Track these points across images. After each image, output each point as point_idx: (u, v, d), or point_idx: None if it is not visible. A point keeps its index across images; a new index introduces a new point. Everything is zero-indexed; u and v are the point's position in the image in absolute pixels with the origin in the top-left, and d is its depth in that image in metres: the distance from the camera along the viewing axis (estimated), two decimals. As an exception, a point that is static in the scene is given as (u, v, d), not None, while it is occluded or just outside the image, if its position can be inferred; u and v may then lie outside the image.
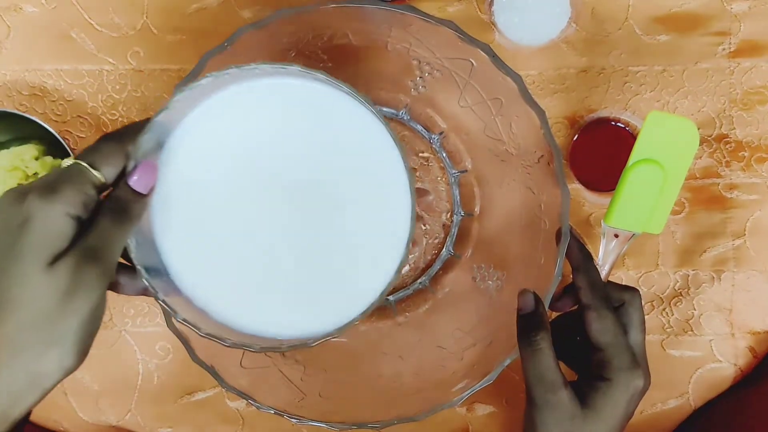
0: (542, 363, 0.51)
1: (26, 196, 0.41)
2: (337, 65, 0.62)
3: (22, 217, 0.41)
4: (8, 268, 0.40)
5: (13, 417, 0.41)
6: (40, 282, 0.40)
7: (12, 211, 0.41)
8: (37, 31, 0.71)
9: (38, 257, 0.40)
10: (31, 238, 0.40)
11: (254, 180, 0.47)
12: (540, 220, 0.59)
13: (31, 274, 0.40)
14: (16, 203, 0.41)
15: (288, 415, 0.57)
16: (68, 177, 0.42)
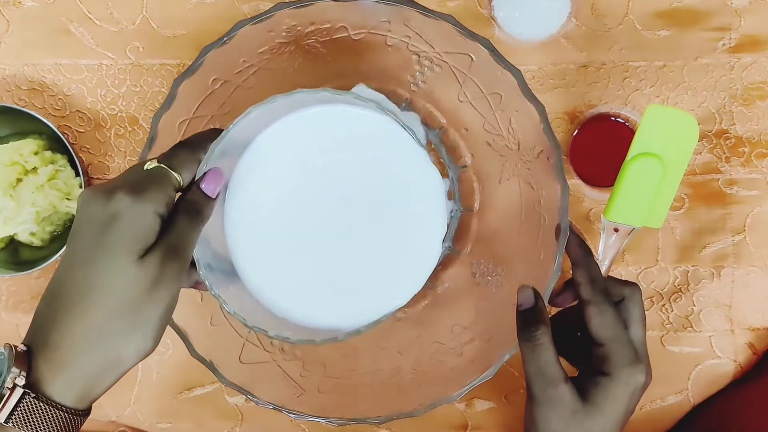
0: (542, 358, 0.51)
1: (114, 194, 0.45)
2: (336, 60, 0.62)
3: (110, 213, 0.44)
4: (97, 259, 0.44)
5: (92, 397, 0.45)
6: (132, 273, 0.44)
7: (99, 208, 0.45)
8: (36, 26, 0.71)
9: (130, 251, 0.44)
10: (124, 233, 0.44)
11: (312, 192, 0.55)
12: (539, 216, 0.59)
13: (124, 265, 0.44)
14: (104, 200, 0.45)
15: (287, 411, 0.57)
16: (154, 179, 0.47)
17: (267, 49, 0.59)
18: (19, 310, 0.74)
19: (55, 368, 0.44)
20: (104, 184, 0.46)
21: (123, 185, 0.45)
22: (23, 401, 0.43)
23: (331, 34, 0.59)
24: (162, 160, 0.48)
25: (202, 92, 0.58)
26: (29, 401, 0.43)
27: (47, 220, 0.70)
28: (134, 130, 0.72)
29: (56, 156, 0.70)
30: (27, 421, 0.43)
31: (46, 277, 0.74)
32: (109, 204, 0.44)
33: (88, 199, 0.45)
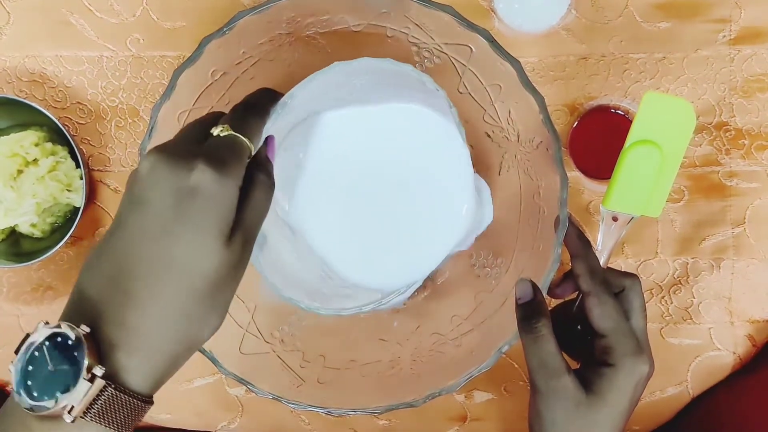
0: (544, 349, 0.51)
1: (193, 164, 0.41)
2: (336, 51, 0.62)
3: (191, 185, 0.40)
4: (179, 235, 0.40)
5: (164, 382, 0.42)
6: (220, 255, 0.41)
7: (176, 178, 0.41)
8: (37, 18, 0.71)
9: (219, 231, 0.41)
10: (209, 211, 0.41)
11: (362, 169, 0.60)
12: (539, 208, 0.59)
13: (213, 246, 0.41)
14: (182, 170, 0.41)
15: (287, 401, 0.58)
16: (232, 149, 0.44)
17: (267, 41, 0.59)
18: (19, 301, 0.74)
19: (134, 354, 0.40)
20: (175, 148, 0.42)
21: (201, 154, 0.41)
22: (103, 394, 0.38)
23: (330, 26, 0.59)
24: (234, 125, 0.45)
25: (202, 83, 0.58)
26: (109, 392, 0.38)
27: (48, 212, 0.70)
28: (135, 122, 0.72)
29: (57, 147, 0.70)
30: (104, 413, 0.38)
31: (47, 268, 0.74)
32: (190, 175, 0.40)
33: (160, 167, 0.41)
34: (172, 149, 0.42)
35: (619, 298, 0.54)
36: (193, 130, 0.46)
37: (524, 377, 0.73)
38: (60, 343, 0.39)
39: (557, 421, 0.52)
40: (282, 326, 0.65)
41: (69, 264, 0.74)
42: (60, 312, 0.41)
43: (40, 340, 0.39)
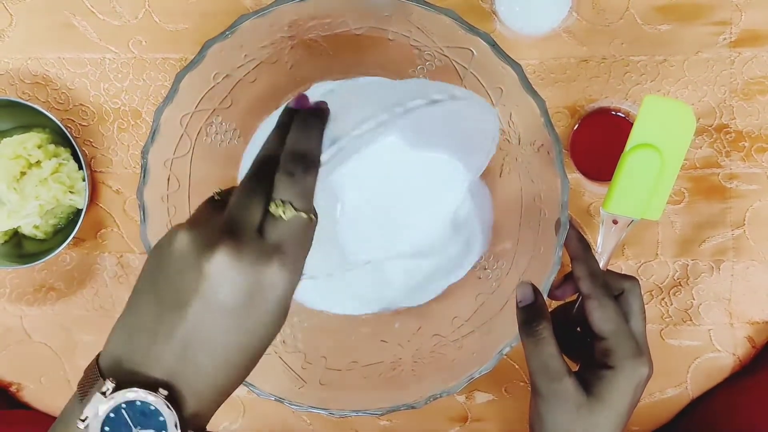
0: (545, 352, 0.51)
1: (269, 262, 0.40)
2: (338, 54, 0.62)
3: (266, 284, 0.40)
4: (250, 324, 0.41)
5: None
6: (280, 326, 0.44)
7: (251, 278, 0.40)
8: (40, 20, 0.72)
9: (284, 312, 0.43)
10: (281, 303, 0.42)
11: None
12: (539, 210, 0.59)
13: (279, 324, 0.43)
14: (256, 270, 0.40)
15: (288, 402, 0.58)
16: (301, 238, 0.42)
17: (269, 44, 0.59)
18: (22, 302, 0.74)
19: (206, 414, 0.42)
20: (241, 240, 0.40)
21: (275, 251, 0.40)
22: None
23: (332, 29, 0.59)
24: (300, 204, 0.41)
25: (204, 86, 0.58)
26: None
27: (50, 213, 0.71)
28: (137, 124, 0.72)
29: (59, 149, 0.70)
30: None
31: (49, 269, 0.74)
32: (264, 276, 0.40)
33: (230, 266, 0.39)
34: (238, 242, 0.40)
35: (619, 300, 0.54)
36: (244, 203, 0.42)
37: (525, 378, 0.73)
38: (139, 406, 0.39)
39: (558, 424, 0.52)
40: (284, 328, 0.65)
41: (71, 265, 0.74)
42: (63, 314, 0.43)
43: (122, 402, 0.39)
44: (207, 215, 0.43)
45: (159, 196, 0.58)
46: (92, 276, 0.74)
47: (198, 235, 0.40)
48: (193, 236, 0.40)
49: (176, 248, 0.40)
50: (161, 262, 0.41)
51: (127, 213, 0.73)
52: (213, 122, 0.61)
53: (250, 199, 0.41)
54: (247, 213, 0.41)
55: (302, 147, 0.43)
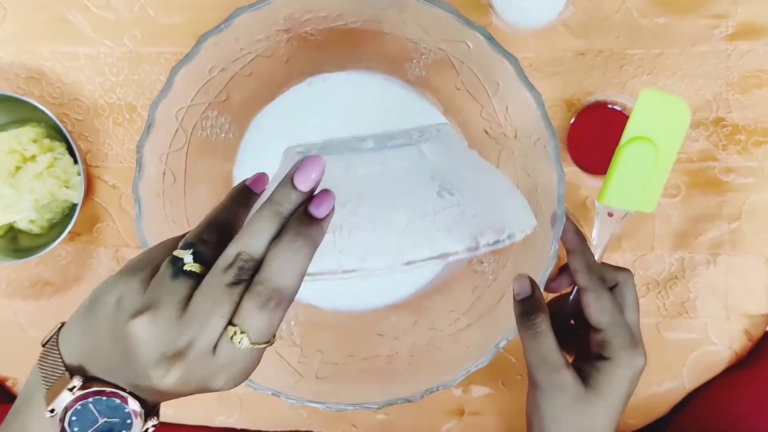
0: (543, 345, 0.52)
1: (215, 379, 0.40)
2: (333, 48, 0.62)
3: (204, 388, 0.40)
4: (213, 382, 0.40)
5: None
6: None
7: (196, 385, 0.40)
8: (34, 14, 0.71)
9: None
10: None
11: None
12: (536, 204, 0.59)
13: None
14: (202, 384, 0.40)
15: (285, 396, 0.58)
16: (252, 362, 0.40)
17: (264, 37, 0.59)
18: (18, 297, 0.74)
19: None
20: (188, 359, 0.38)
21: (221, 370, 0.39)
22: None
23: (328, 22, 0.59)
24: (259, 338, 0.39)
25: (199, 80, 0.58)
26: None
27: (46, 208, 0.70)
28: (132, 118, 0.72)
29: (55, 144, 0.70)
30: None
31: (45, 264, 0.74)
32: (205, 386, 0.40)
33: (177, 386, 0.39)
34: (186, 362, 0.38)
35: (613, 292, 0.54)
36: (202, 317, 0.38)
37: (522, 372, 0.73)
38: (105, 400, 0.41)
39: (556, 416, 0.52)
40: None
41: (67, 260, 0.74)
42: (59, 309, 0.43)
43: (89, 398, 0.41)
44: (167, 288, 0.39)
45: (155, 190, 0.58)
46: (88, 271, 0.74)
47: (151, 336, 0.38)
48: (150, 331, 0.38)
49: (132, 333, 0.39)
50: (107, 327, 0.40)
51: (122, 208, 0.73)
52: (208, 116, 0.61)
53: (209, 313, 0.38)
54: (203, 331, 0.38)
55: (282, 282, 0.38)
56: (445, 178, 0.45)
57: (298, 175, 0.40)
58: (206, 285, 0.38)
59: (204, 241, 0.40)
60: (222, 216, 0.43)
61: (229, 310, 0.38)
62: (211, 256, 0.40)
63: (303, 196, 0.40)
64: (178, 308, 0.38)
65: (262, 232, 0.39)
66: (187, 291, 0.39)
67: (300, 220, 0.39)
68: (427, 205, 0.44)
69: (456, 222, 0.44)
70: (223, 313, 0.38)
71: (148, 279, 0.40)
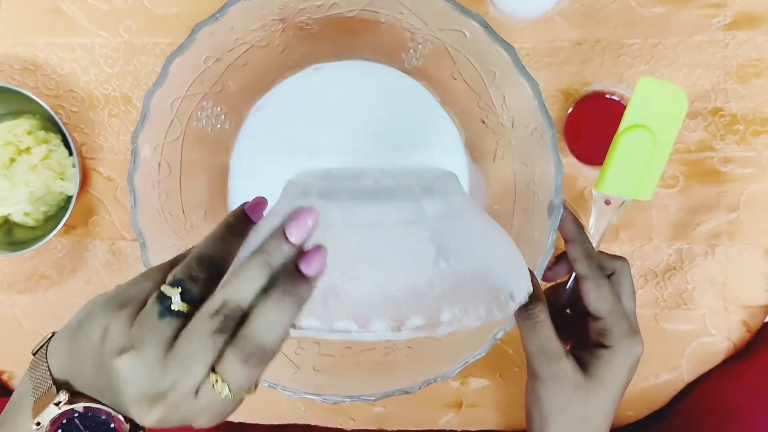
0: (542, 334, 0.52)
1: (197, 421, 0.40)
2: (329, 37, 0.62)
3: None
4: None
5: None
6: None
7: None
8: (29, 5, 0.71)
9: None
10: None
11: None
12: (533, 194, 0.59)
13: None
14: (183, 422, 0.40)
15: (282, 388, 0.57)
16: (229, 410, 0.40)
17: (259, 27, 0.58)
18: (13, 290, 0.74)
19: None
20: (170, 402, 0.38)
21: (201, 414, 0.40)
22: None
23: (323, 12, 0.59)
24: (239, 389, 0.39)
25: (194, 70, 0.58)
26: None
27: (41, 200, 0.70)
28: (128, 110, 0.72)
29: (50, 136, 0.70)
30: None
31: (41, 257, 0.74)
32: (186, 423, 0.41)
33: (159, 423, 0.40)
34: (168, 405, 0.39)
35: (610, 280, 0.54)
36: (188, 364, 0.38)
37: (519, 363, 0.73)
38: (90, 416, 0.41)
39: (557, 405, 0.52)
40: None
41: (62, 252, 0.74)
42: (55, 302, 0.44)
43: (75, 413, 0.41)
44: (153, 327, 0.39)
45: (150, 181, 0.58)
46: (84, 263, 0.74)
47: (134, 375, 0.38)
48: (135, 370, 0.38)
49: (117, 370, 0.39)
50: (89, 351, 0.41)
51: (118, 200, 0.73)
52: (204, 106, 0.61)
53: (192, 359, 0.38)
54: (185, 376, 0.38)
55: (266, 339, 0.38)
56: (444, 241, 0.43)
57: (290, 227, 0.40)
58: (191, 329, 0.38)
59: (193, 278, 0.40)
60: (215, 248, 0.42)
61: (212, 359, 0.38)
62: (200, 294, 0.39)
63: (294, 249, 0.40)
64: (163, 349, 0.38)
65: (250, 281, 0.38)
66: (172, 331, 0.38)
67: (289, 276, 0.39)
68: (423, 270, 0.42)
69: (451, 290, 0.42)
70: (206, 361, 0.38)
71: (134, 314, 0.40)
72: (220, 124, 0.64)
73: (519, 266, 0.48)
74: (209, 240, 0.42)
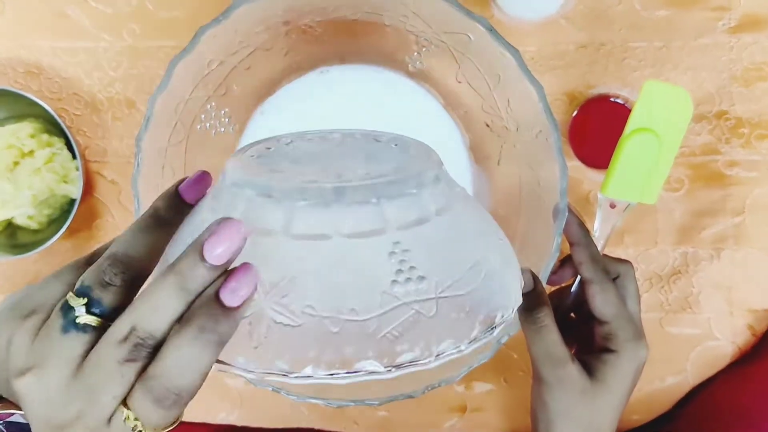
0: (548, 339, 0.52)
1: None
2: (333, 40, 0.62)
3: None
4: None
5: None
6: None
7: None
8: (32, 8, 0.71)
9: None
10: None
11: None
12: (538, 197, 0.58)
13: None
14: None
15: (286, 393, 0.57)
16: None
17: (263, 30, 0.58)
18: (17, 293, 0.74)
19: None
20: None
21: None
22: None
23: (327, 14, 0.59)
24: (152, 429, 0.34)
25: (198, 73, 0.58)
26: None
27: (44, 204, 0.70)
28: (131, 113, 0.72)
29: (53, 139, 0.70)
30: None
31: (44, 260, 0.74)
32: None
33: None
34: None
35: (615, 284, 0.54)
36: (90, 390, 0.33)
37: (524, 368, 0.72)
38: (16, 423, 0.38)
39: (563, 410, 0.52)
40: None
41: (66, 256, 0.74)
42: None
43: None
44: (56, 344, 0.34)
45: (153, 185, 0.57)
46: (87, 267, 0.74)
47: (37, 399, 0.33)
48: (37, 393, 0.33)
49: (18, 391, 0.34)
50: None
51: (122, 203, 0.73)
52: (207, 110, 0.61)
53: (99, 390, 0.33)
54: (92, 407, 0.33)
55: (180, 381, 0.32)
56: (407, 257, 0.34)
57: (208, 245, 0.32)
58: (97, 355, 0.33)
59: (104, 285, 0.34)
60: (134, 244, 0.35)
61: (122, 391, 0.33)
62: (112, 304, 0.34)
63: (214, 272, 0.33)
64: (69, 369, 0.33)
65: (162, 308, 0.32)
66: (79, 349, 0.33)
67: (208, 308, 0.32)
68: (376, 297, 0.33)
69: (412, 323, 0.33)
70: (115, 394, 0.33)
71: (39, 325, 0.35)
72: (224, 128, 0.64)
73: (508, 275, 0.39)
74: (129, 233, 0.36)
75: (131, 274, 0.35)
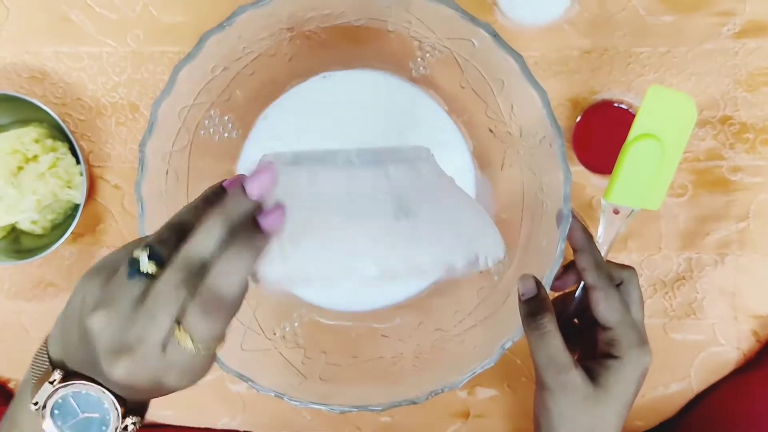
0: (551, 345, 0.51)
1: (164, 381, 0.41)
2: (337, 46, 0.62)
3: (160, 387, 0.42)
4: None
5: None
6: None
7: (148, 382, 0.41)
8: (37, 13, 0.71)
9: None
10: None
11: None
12: (542, 203, 0.58)
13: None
14: (153, 382, 0.41)
15: (288, 398, 0.57)
16: (197, 369, 0.41)
17: (267, 36, 0.58)
18: (20, 298, 0.74)
19: (145, 402, 0.47)
20: (137, 355, 0.39)
21: (168, 371, 0.41)
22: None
23: (331, 20, 0.59)
24: (202, 342, 0.40)
25: (202, 79, 0.58)
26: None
27: (48, 208, 0.70)
28: (135, 118, 0.72)
29: (57, 144, 0.70)
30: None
31: (48, 265, 0.74)
32: (157, 387, 0.42)
33: (127, 377, 0.40)
34: (136, 358, 0.39)
35: (619, 290, 0.54)
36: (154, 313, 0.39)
37: (527, 373, 0.72)
38: (84, 395, 0.43)
39: (565, 416, 0.52)
40: (283, 323, 0.65)
41: (70, 261, 0.74)
42: (62, 308, 0.45)
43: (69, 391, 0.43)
44: (123, 287, 0.40)
45: (157, 190, 0.58)
46: (91, 271, 0.74)
47: (105, 329, 0.40)
48: (105, 325, 0.40)
49: (89, 327, 0.40)
50: (75, 325, 0.42)
51: (125, 208, 0.73)
52: (211, 115, 0.61)
53: (157, 311, 0.39)
54: (151, 328, 0.39)
55: (224, 290, 0.39)
56: (405, 200, 0.45)
57: (249, 182, 0.41)
58: (158, 285, 0.39)
59: (163, 242, 0.41)
60: (186, 216, 0.42)
61: (176, 310, 0.39)
62: (168, 256, 0.40)
63: (253, 203, 0.41)
64: (132, 305, 0.39)
65: (210, 234, 0.40)
66: (141, 290, 0.39)
67: (246, 228, 0.40)
68: (379, 223, 0.44)
69: (408, 244, 0.44)
70: (170, 313, 0.39)
71: (109, 277, 0.41)
72: (227, 133, 0.64)
73: (491, 234, 0.49)
74: (182, 210, 0.43)
75: (182, 236, 0.41)
